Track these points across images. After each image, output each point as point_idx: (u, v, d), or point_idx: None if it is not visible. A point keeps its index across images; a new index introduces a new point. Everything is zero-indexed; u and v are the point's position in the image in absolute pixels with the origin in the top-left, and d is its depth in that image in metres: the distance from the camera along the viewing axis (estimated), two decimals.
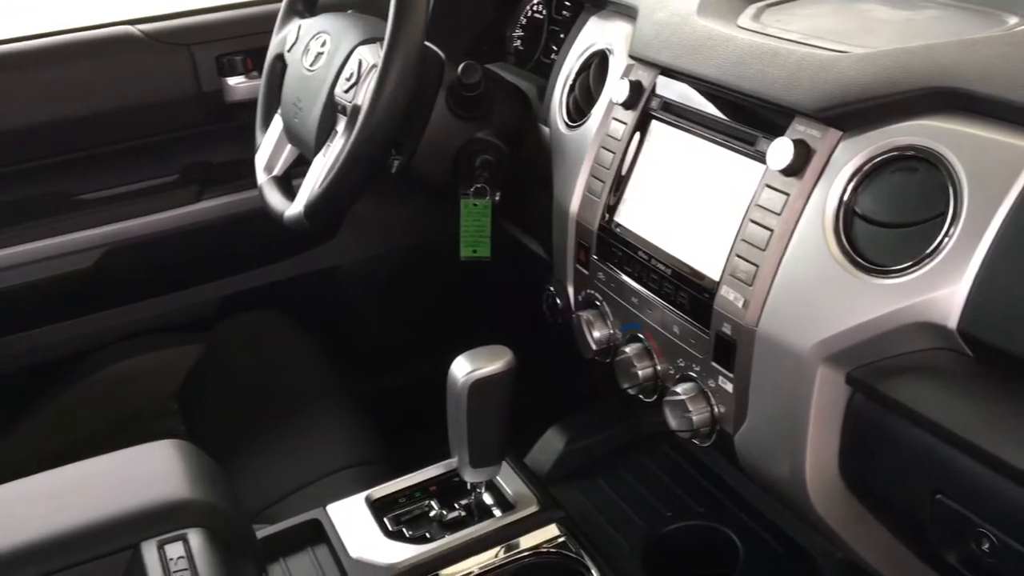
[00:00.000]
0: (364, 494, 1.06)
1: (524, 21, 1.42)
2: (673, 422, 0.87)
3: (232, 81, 1.56)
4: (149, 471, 0.88)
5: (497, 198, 1.19)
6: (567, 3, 1.32)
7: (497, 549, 0.98)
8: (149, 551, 0.80)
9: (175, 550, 0.81)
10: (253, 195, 1.59)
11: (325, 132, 1.17)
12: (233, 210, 1.60)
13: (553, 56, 1.33)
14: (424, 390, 1.57)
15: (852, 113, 0.74)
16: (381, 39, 1.14)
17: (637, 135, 0.94)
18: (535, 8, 1.40)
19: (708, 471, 1.11)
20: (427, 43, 1.10)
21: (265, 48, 1.46)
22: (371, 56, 1.13)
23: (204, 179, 1.59)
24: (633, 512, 1.07)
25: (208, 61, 1.54)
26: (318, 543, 1.01)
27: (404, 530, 1.01)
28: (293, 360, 1.48)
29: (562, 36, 1.31)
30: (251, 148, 1.46)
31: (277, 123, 1.33)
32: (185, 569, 0.78)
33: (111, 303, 1.59)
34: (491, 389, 0.93)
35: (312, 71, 1.21)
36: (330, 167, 1.11)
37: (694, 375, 0.86)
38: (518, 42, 1.43)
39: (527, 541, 0.99)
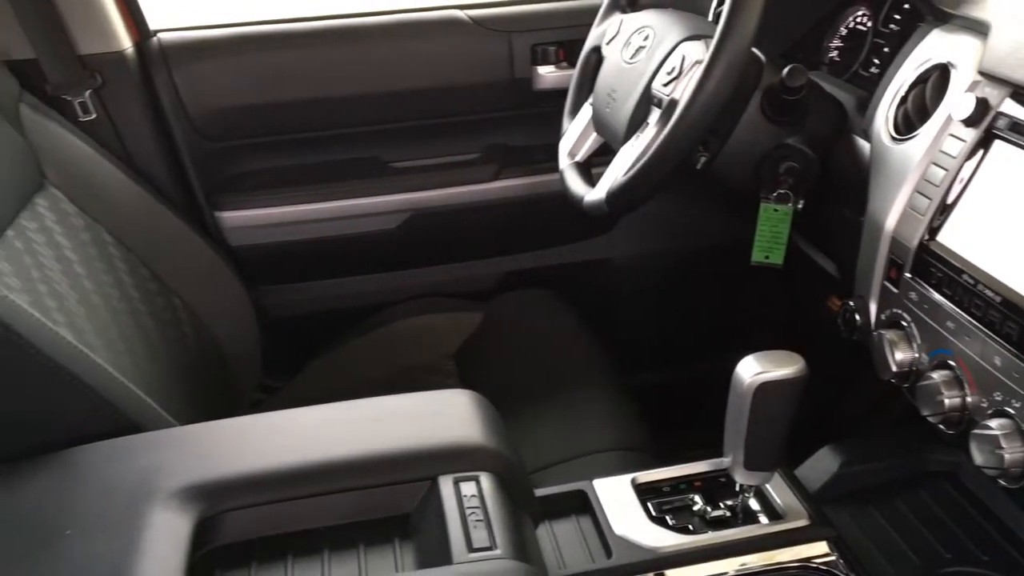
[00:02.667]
0: (630, 476, 1.08)
1: (845, 32, 1.38)
2: (979, 457, 0.82)
3: (542, 70, 1.64)
4: (450, 414, 0.96)
5: (800, 206, 1.17)
6: (896, 16, 1.27)
7: (761, 555, 0.97)
8: (446, 484, 0.87)
9: (468, 488, 0.87)
10: (544, 180, 1.68)
11: (636, 123, 1.21)
12: (524, 192, 1.69)
13: (873, 69, 1.29)
14: (692, 388, 1.59)
15: None
16: (706, 36, 1.16)
17: (977, 154, 0.90)
18: (859, 19, 1.36)
19: (995, 518, 1.04)
20: None
21: (577, 40, 1.52)
22: (695, 52, 1.15)
23: (503, 160, 1.68)
24: (908, 547, 1.02)
25: (524, 49, 1.63)
26: (583, 513, 1.05)
27: (668, 518, 1.02)
28: (564, 341, 1.54)
29: (886, 49, 1.26)
30: (549, 134, 1.53)
31: (586, 112, 1.38)
32: (477, 507, 0.85)
33: (407, 264, 1.73)
34: (778, 394, 0.92)
35: (631, 63, 1.25)
36: (637, 157, 1.15)
37: (1012, 411, 0.81)
38: (835, 52, 1.39)
39: (793, 553, 0.97)
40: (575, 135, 1.38)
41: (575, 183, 1.31)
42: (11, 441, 0.95)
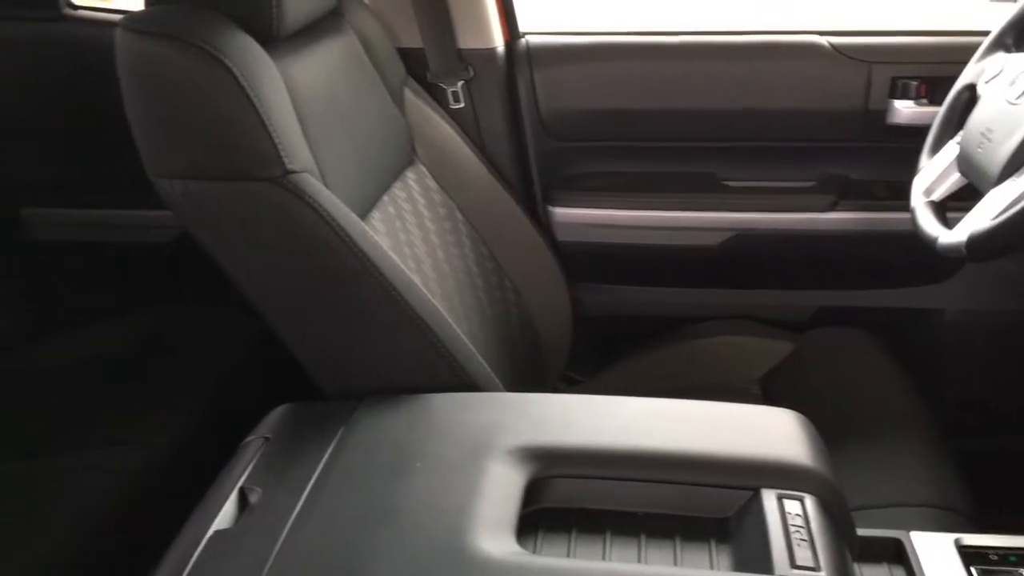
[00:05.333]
0: (954, 536, 1.01)
1: None
2: None
3: (900, 104, 1.57)
4: (775, 430, 0.95)
5: None
6: None
7: None
8: (769, 498, 0.87)
9: (792, 507, 0.86)
10: (882, 217, 1.61)
11: (1015, 167, 1.13)
12: (857, 227, 1.63)
13: None
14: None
15: None
16: None
17: None
18: None
19: None
20: None
21: (942, 77, 1.45)
22: None
23: (840, 192, 1.63)
24: None
25: (882, 81, 1.57)
26: (896, 563, 1.00)
27: None
28: (879, 385, 1.47)
29: None
30: (896, 171, 1.47)
31: (949, 150, 1.31)
32: (801, 526, 0.84)
33: (721, 283, 1.73)
34: None
35: (1016, 104, 1.17)
36: (1011, 202, 1.07)
37: None
38: None
39: None
40: (934, 173, 1.31)
41: (929, 223, 1.25)
42: (374, 379, 1.07)
